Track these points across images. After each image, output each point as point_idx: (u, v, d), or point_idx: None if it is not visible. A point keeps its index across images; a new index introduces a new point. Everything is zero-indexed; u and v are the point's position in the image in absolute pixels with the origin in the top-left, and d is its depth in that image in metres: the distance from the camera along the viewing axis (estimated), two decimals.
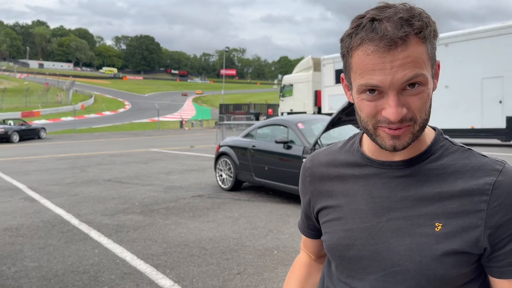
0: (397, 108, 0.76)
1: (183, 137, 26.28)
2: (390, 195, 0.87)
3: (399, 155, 0.87)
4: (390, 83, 0.76)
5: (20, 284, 3.65)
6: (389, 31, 0.74)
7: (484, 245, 0.81)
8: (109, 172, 10.50)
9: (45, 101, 64.40)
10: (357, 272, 0.90)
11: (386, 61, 0.75)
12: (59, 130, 34.46)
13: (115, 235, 5.08)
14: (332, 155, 1.00)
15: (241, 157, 7.33)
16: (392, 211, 0.86)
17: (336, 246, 0.93)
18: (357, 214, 0.90)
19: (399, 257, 0.84)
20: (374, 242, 0.87)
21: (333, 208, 0.95)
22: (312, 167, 1.03)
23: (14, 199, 7.29)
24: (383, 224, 0.87)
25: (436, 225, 0.82)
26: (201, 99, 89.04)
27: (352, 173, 0.93)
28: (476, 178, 0.82)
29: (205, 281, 3.67)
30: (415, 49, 0.76)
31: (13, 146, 20.82)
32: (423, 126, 0.82)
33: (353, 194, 0.92)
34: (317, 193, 1.00)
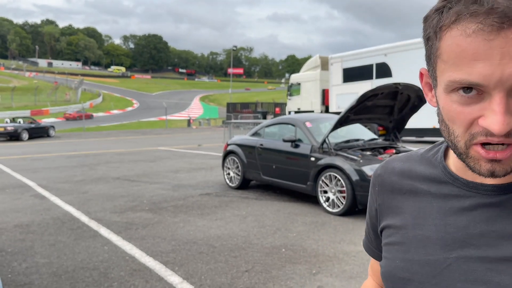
0: (505, 116, 0.54)
1: (190, 136, 26.37)
2: (469, 225, 0.68)
3: None
4: (499, 80, 0.54)
5: (31, 280, 3.69)
6: (501, 3, 0.52)
7: None
8: (117, 170, 10.57)
9: (54, 100, 64.92)
10: None
11: (495, 47, 0.53)
12: (67, 129, 34.74)
13: (124, 232, 5.12)
14: (409, 164, 0.80)
15: (249, 155, 7.35)
16: (466, 246, 0.67)
17: (391, 277, 0.76)
18: (422, 242, 0.72)
19: None
20: (435, 282, 0.69)
21: (397, 229, 0.77)
22: (383, 174, 0.84)
23: (25, 196, 7.38)
24: (451, 261, 0.68)
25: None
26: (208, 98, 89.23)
27: (428, 190, 0.74)
28: None
29: (213, 278, 3.70)
30: None
31: (23, 144, 21.01)
32: None
33: (423, 216, 0.73)
34: (385, 207, 0.82)
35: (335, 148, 6.06)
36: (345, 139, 6.53)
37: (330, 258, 4.18)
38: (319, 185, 5.97)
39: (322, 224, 5.37)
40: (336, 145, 6.17)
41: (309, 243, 4.63)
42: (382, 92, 5.81)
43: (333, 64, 18.92)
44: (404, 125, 6.68)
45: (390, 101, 6.14)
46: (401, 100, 6.14)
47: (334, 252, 4.33)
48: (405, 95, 6.05)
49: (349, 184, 5.53)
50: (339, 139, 6.45)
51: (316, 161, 6.05)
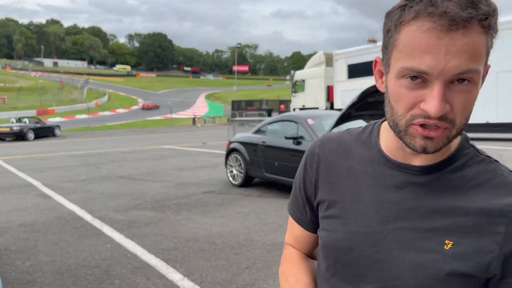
0: (441, 102, 0.66)
1: (195, 134, 26.44)
2: (401, 201, 0.78)
3: (419, 159, 0.78)
4: (441, 71, 0.65)
5: (34, 278, 3.73)
6: (452, 9, 0.63)
7: (494, 271, 0.74)
8: (122, 169, 10.63)
9: (59, 99, 65.28)
10: (351, 278, 0.83)
11: (443, 44, 0.64)
12: (73, 128, 34.93)
13: (126, 230, 5.15)
14: (345, 144, 0.89)
15: (252, 153, 7.36)
16: (400, 219, 0.78)
17: (333, 247, 0.85)
18: (361, 216, 0.82)
19: (401, 271, 0.77)
20: (375, 250, 0.80)
21: (335, 204, 0.86)
22: (320, 153, 0.91)
23: (29, 195, 7.44)
24: (388, 232, 0.79)
25: (446, 243, 0.75)
26: (213, 96, 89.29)
27: (363, 169, 0.84)
28: (499, 197, 0.74)
29: (214, 275, 3.72)
30: (476, 38, 0.65)
31: (28, 143, 21.17)
32: (460, 131, 0.71)
33: (360, 192, 0.83)
34: (321, 183, 0.90)
35: None
36: None
37: None
38: None
39: None
40: None
41: None
42: None
43: (338, 60, 18.87)
44: None
45: None
46: None
47: None
48: None
49: None
50: None
51: None
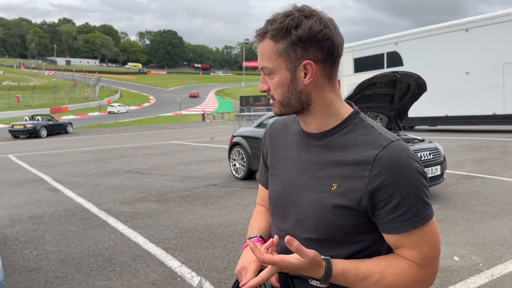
0: (261, 83, 1.10)
1: (204, 130, 26.66)
2: (309, 159, 1.09)
3: (315, 128, 1.09)
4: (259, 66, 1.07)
5: (40, 265, 3.94)
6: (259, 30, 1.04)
7: (365, 204, 0.99)
8: (130, 164, 10.86)
9: (72, 97, 66.09)
10: (282, 216, 1.14)
11: (258, 50, 1.06)
12: (85, 125, 35.42)
13: (130, 221, 5.35)
14: (286, 123, 1.23)
15: (254, 146, 7.50)
16: (308, 172, 1.08)
17: (272, 196, 1.19)
18: (287, 172, 1.14)
19: (306, 207, 1.07)
20: (294, 195, 1.10)
21: (275, 167, 1.20)
22: (271, 130, 1.27)
23: (39, 189, 7.69)
24: (301, 181, 1.09)
25: (333, 185, 1.03)
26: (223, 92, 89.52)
27: (292, 140, 1.16)
28: (366, 151, 1.00)
29: (210, 262, 3.88)
30: (265, 45, 1.03)
31: (41, 140, 21.60)
32: (284, 105, 1.06)
33: (288, 156, 1.15)
34: (270, 152, 1.24)
35: None
36: None
37: None
38: None
39: None
40: None
41: None
42: (381, 81, 5.87)
43: (344, 54, 18.70)
44: (405, 113, 6.72)
45: (389, 90, 6.19)
46: (400, 88, 6.19)
47: None
48: (404, 83, 6.10)
49: None
50: None
51: None
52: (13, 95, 60.34)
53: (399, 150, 0.99)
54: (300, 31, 0.98)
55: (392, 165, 0.97)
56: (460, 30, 14.18)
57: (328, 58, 1.02)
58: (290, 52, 1.00)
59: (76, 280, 3.58)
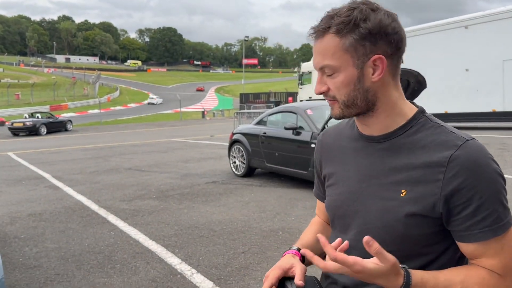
0: (318, 84, 1.01)
1: (204, 127, 26.64)
2: (371, 164, 1.02)
3: (377, 130, 1.02)
4: (315, 66, 1.00)
5: (40, 263, 3.94)
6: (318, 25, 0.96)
7: (440, 210, 0.92)
8: (130, 161, 10.87)
9: (72, 95, 66.03)
10: (343, 227, 1.08)
11: (314, 49, 0.99)
12: (85, 123, 35.40)
13: (131, 218, 5.35)
14: (339, 130, 1.18)
15: (253, 144, 7.50)
16: (371, 178, 1.02)
17: (330, 206, 1.12)
18: (347, 180, 1.08)
19: (371, 216, 1.00)
20: (356, 204, 1.04)
21: (332, 175, 1.13)
22: (322, 140, 1.23)
23: (39, 187, 7.70)
24: (363, 189, 1.03)
25: (401, 191, 0.95)
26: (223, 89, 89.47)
27: (349, 146, 1.10)
28: (438, 152, 0.93)
29: (210, 259, 3.88)
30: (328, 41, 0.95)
31: (41, 138, 21.59)
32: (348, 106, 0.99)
33: (346, 163, 1.09)
34: (324, 162, 1.18)
35: None
36: None
37: None
38: None
39: None
40: None
41: (306, 226, 4.77)
42: None
43: None
44: None
45: None
46: (400, 85, 6.17)
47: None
48: (404, 80, 6.07)
49: None
50: None
51: None
52: (13, 92, 60.28)
53: (476, 150, 0.92)
54: (369, 24, 0.92)
55: (469, 166, 0.90)
56: (460, 27, 14.17)
57: (396, 53, 0.96)
58: (358, 47, 0.93)
59: (76, 277, 3.58)
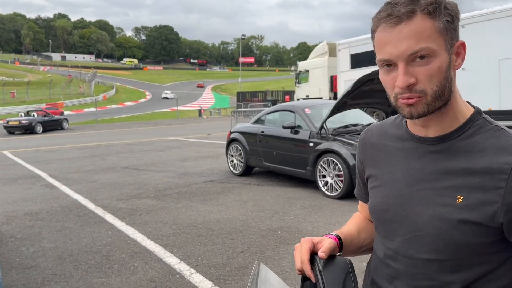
0: (405, 76, 0.85)
1: (201, 126, 26.58)
2: (423, 167, 0.95)
3: (432, 131, 0.95)
4: (398, 55, 0.85)
5: (37, 263, 3.91)
6: (395, 9, 0.85)
7: (500, 220, 0.86)
8: (127, 160, 10.82)
9: (68, 93, 65.72)
10: (390, 233, 1.00)
11: (393, 36, 0.85)
12: (81, 121, 35.24)
13: (128, 218, 5.32)
14: (383, 128, 1.10)
15: (251, 142, 7.48)
16: (422, 182, 0.95)
17: (375, 210, 1.05)
18: (394, 183, 1.00)
19: (423, 222, 0.93)
20: (404, 208, 0.97)
21: (376, 177, 1.06)
22: (365, 138, 1.14)
23: (35, 186, 7.65)
24: (413, 193, 0.96)
25: (457, 198, 0.89)
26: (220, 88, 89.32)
27: (396, 146, 1.03)
28: (499, 157, 0.87)
29: (209, 259, 3.86)
30: (420, 23, 0.84)
31: (37, 136, 21.48)
32: (437, 97, 0.87)
33: (393, 165, 1.02)
34: (367, 162, 1.11)
35: (333, 134, 6.16)
36: (344, 124, 6.61)
37: None
38: (317, 169, 6.08)
39: (319, 207, 5.50)
40: (334, 130, 6.26)
41: (305, 225, 4.77)
42: (379, 77, 5.85)
43: (341, 50, 18.83)
44: None
45: None
46: None
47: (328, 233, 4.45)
48: None
49: (346, 168, 5.63)
50: (338, 125, 6.54)
51: (314, 146, 6.16)
52: (8, 90, 59.88)
53: None
54: (453, 6, 0.87)
55: None
56: None
57: None
58: (448, 31, 0.87)
59: (74, 277, 3.55)
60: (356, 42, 18.27)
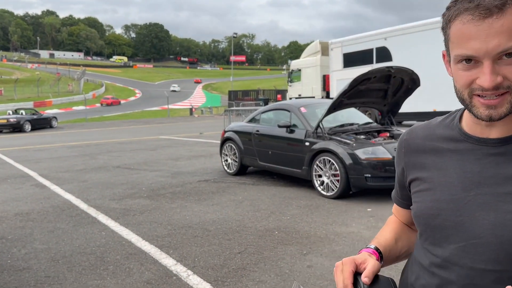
0: (491, 76, 0.78)
1: (192, 124, 26.43)
2: (482, 171, 0.88)
3: (495, 132, 0.88)
4: (485, 52, 0.78)
5: (29, 265, 3.81)
6: (485, 0, 0.76)
7: None
8: (118, 159, 10.69)
9: (56, 91, 65.00)
10: (439, 240, 0.93)
11: (481, 30, 0.77)
12: (71, 119, 34.87)
13: (122, 218, 5.23)
14: (430, 129, 1.02)
15: (246, 142, 7.42)
16: (481, 186, 0.88)
17: (422, 215, 0.96)
18: (446, 186, 0.92)
19: (482, 230, 0.86)
20: (459, 214, 0.89)
21: (424, 180, 0.98)
22: (408, 139, 1.05)
23: (25, 186, 7.50)
24: (470, 198, 0.88)
25: None
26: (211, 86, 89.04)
27: (448, 147, 0.95)
28: None
29: (206, 260, 3.80)
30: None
31: (25, 135, 21.18)
32: None
33: (445, 167, 0.94)
34: (411, 165, 1.02)
35: (329, 133, 6.12)
36: (339, 124, 6.58)
37: (321, 239, 4.27)
38: (313, 169, 6.04)
39: (316, 207, 5.46)
40: (330, 130, 6.23)
41: (302, 225, 4.73)
42: (375, 76, 5.84)
43: (333, 49, 18.84)
44: (398, 109, 6.71)
45: (383, 85, 6.16)
46: (394, 83, 6.16)
47: (325, 233, 4.42)
48: (398, 78, 6.07)
49: (343, 167, 5.60)
50: (334, 124, 6.51)
51: (310, 145, 6.12)
52: None
53: None
54: None
55: None
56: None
57: None
58: None
59: (68, 280, 3.46)
60: (348, 41, 18.29)
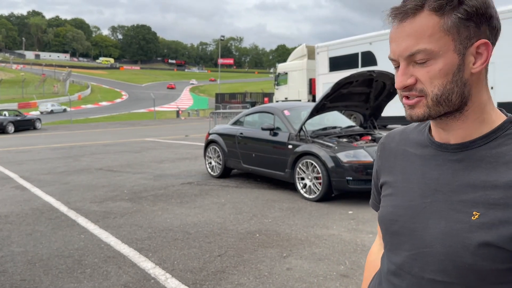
0: (402, 76, 0.80)
1: (179, 127, 26.32)
2: (439, 177, 0.86)
3: (453, 137, 0.86)
4: (399, 54, 0.80)
5: (5, 268, 3.74)
6: (403, 5, 0.79)
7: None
8: (101, 161, 10.58)
9: (41, 92, 64.22)
10: (395, 246, 0.91)
11: (397, 33, 0.80)
12: (55, 121, 34.46)
13: (102, 221, 5.17)
14: (405, 134, 1.00)
15: (230, 144, 7.41)
16: (437, 193, 0.85)
17: (383, 220, 0.94)
18: (407, 192, 0.91)
19: (432, 238, 0.83)
20: (414, 221, 0.87)
21: (390, 184, 0.96)
22: (384, 143, 1.04)
23: (5, 188, 7.38)
24: (426, 204, 0.86)
25: (473, 214, 0.79)
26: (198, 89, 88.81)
27: (415, 152, 0.93)
28: None
29: (186, 263, 3.77)
30: (423, 21, 0.77)
31: (8, 136, 20.86)
32: (440, 102, 0.80)
33: (409, 172, 0.92)
34: (383, 168, 1.01)
35: (312, 136, 6.15)
36: (322, 127, 6.62)
37: (301, 241, 4.28)
38: (296, 172, 6.06)
39: (298, 210, 5.47)
40: (313, 133, 6.25)
41: (283, 228, 4.73)
42: (357, 80, 5.88)
43: (320, 53, 18.95)
44: (380, 112, 6.77)
45: (365, 89, 6.22)
46: (376, 87, 6.22)
47: (306, 236, 4.43)
48: (380, 82, 6.13)
49: (325, 170, 5.63)
50: (317, 127, 6.54)
51: (293, 148, 6.14)
52: None
53: None
54: (475, 2, 0.77)
55: None
56: None
57: (494, 42, 0.81)
58: (462, 29, 0.77)
59: (44, 283, 3.41)
60: (334, 45, 18.42)
